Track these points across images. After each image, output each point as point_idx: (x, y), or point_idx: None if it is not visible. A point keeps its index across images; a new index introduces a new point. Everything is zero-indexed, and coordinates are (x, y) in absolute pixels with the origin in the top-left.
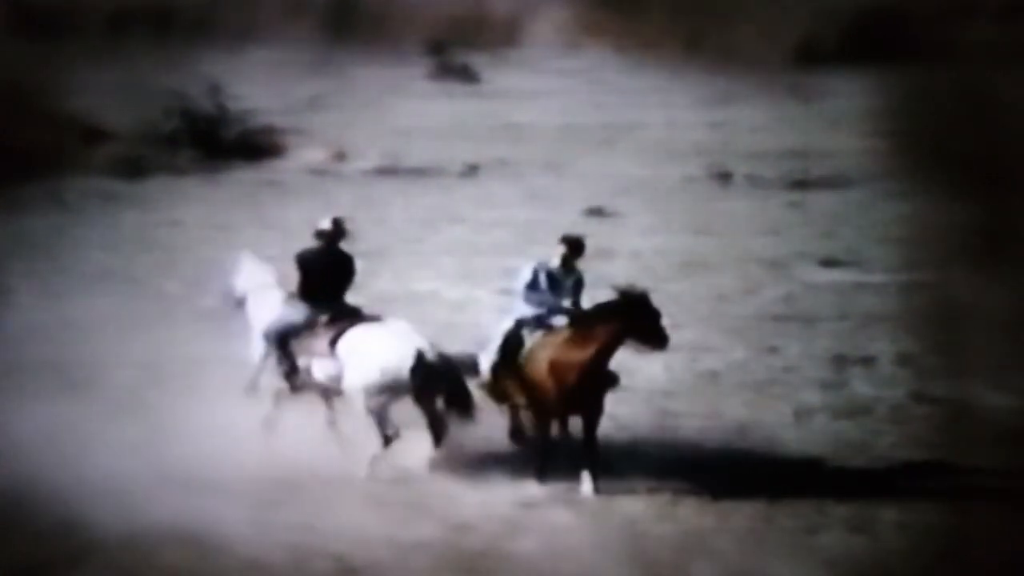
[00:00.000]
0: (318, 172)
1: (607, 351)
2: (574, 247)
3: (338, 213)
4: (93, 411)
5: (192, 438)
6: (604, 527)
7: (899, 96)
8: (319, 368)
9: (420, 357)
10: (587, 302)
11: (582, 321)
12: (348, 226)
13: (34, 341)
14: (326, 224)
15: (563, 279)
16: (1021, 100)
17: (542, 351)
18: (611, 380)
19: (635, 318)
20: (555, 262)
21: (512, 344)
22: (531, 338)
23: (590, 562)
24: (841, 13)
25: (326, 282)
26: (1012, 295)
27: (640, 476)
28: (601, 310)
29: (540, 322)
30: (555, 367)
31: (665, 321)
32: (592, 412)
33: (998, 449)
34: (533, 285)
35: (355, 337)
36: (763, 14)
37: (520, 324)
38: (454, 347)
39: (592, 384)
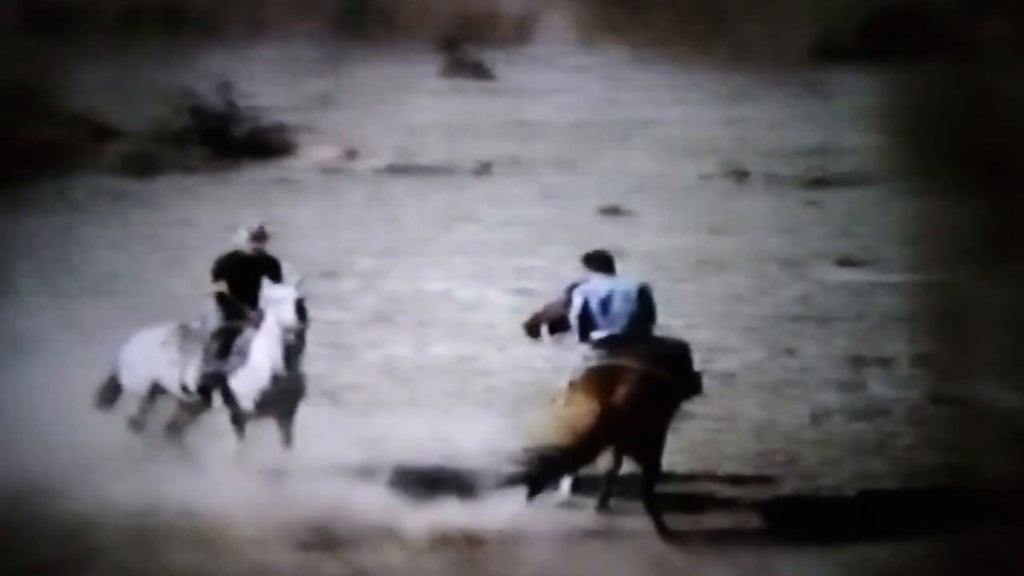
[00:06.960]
0: (329, 170)
1: None
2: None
3: (349, 211)
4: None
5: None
6: (616, 530)
7: (917, 93)
8: None
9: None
10: None
11: None
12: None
13: (41, 341)
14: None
15: None
16: None
17: None
18: None
19: None
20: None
21: None
22: None
23: (602, 564)
24: (858, 9)
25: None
26: None
27: None
28: None
29: None
30: None
31: (680, 321)
32: None
33: (1017, 450)
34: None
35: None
36: (779, 10)
37: None
38: (464, 347)
39: None
